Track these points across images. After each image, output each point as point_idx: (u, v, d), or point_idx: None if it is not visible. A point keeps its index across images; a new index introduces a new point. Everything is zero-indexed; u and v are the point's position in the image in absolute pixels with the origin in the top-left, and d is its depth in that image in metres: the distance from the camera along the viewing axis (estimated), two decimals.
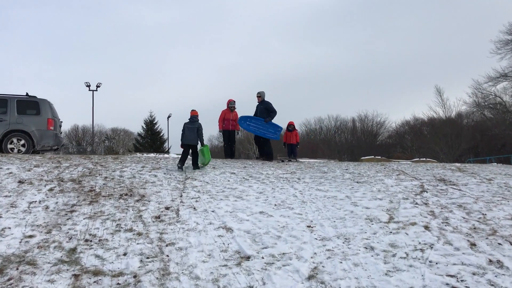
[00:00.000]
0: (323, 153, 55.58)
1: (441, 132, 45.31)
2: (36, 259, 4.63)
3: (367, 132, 64.18)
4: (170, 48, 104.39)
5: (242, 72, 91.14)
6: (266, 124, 12.41)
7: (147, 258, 4.71)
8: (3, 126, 11.87)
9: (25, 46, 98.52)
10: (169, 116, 49.09)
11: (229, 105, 12.71)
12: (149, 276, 4.29)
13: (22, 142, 12.11)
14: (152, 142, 48.79)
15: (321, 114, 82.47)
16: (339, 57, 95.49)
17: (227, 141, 12.97)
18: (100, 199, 6.83)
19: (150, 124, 50.49)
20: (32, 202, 6.58)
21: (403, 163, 15.11)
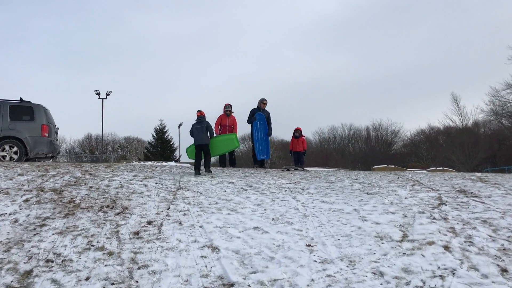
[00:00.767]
0: (336, 162, 54.45)
1: (457, 141, 44.02)
2: None
3: (381, 141, 62.89)
4: (182, 58, 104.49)
5: (255, 82, 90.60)
6: (266, 141, 12.18)
7: (112, 284, 3.97)
8: None
9: (41, 56, 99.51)
10: (180, 125, 48.59)
11: (224, 109, 11.90)
12: None
13: (15, 149, 11.55)
14: (162, 150, 48.37)
15: (334, 123, 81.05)
16: (353, 65, 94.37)
17: (222, 162, 12.24)
18: (77, 211, 6.12)
19: (161, 133, 50.16)
20: (2, 214, 5.90)
21: (418, 172, 14.17)
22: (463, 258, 4.55)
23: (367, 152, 61.36)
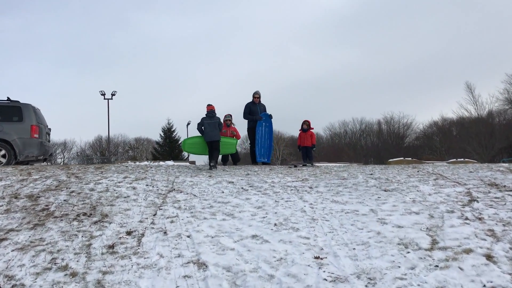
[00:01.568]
0: (348, 157, 53.31)
1: (472, 132, 42.63)
2: None
3: (393, 134, 61.54)
4: (190, 57, 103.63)
5: (264, 79, 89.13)
6: (270, 144, 11.51)
7: None
8: None
9: (52, 58, 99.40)
10: (188, 124, 47.77)
11: (224, 119, 11.06)
12: None
13: (3, 152, 10.76)
14: (170, 150, 47.67)
15: (345, 117, 79.56)
16: (362, 59, 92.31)
17: (225, 160, 11.42)
18: (48, 221, 5.28)
19: (168, 132, 49.47)
20: None
21: (438, 164, 13.11)
22: None
23: (380, 146, 60.11)
